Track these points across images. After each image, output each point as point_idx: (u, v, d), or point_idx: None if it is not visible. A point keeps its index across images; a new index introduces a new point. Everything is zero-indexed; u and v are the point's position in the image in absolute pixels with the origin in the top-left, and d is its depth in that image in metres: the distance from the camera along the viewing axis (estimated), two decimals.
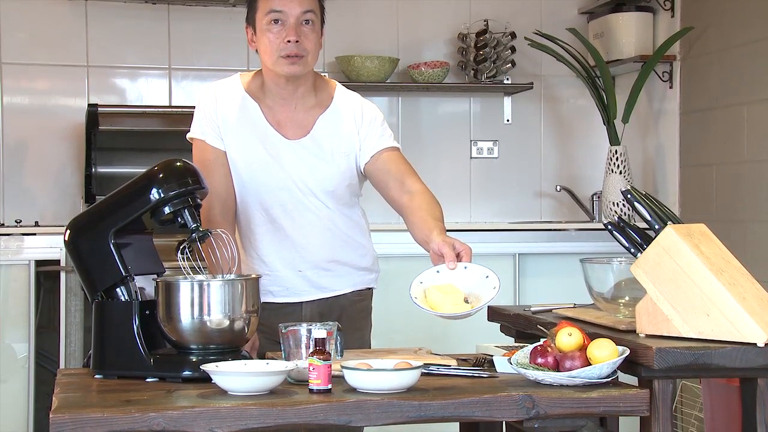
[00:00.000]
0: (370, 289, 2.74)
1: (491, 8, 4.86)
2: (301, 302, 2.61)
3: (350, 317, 2.64)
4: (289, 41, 2.48)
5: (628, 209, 4.53)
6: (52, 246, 3.96)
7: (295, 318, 2.57)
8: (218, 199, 2.53)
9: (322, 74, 2.73)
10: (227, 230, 2.43)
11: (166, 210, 2.23)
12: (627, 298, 2.37)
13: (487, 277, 2.29)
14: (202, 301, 2.13)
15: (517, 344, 2.51)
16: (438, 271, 2.30)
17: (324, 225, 2.58)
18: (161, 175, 2.22)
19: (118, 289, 2.21)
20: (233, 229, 2.57)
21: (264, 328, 2.46)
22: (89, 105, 4.39)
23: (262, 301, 2.28)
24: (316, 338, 2.01)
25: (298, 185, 2.56)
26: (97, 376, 2.19)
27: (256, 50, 2.58)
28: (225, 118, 2.57)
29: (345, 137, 2.59)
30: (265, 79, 2.59)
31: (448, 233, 2.46)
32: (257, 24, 2.54)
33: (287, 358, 2.15)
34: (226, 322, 2.14)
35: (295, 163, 2.56)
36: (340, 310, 2.64)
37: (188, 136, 2.63)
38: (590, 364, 2.04)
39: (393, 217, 2.85)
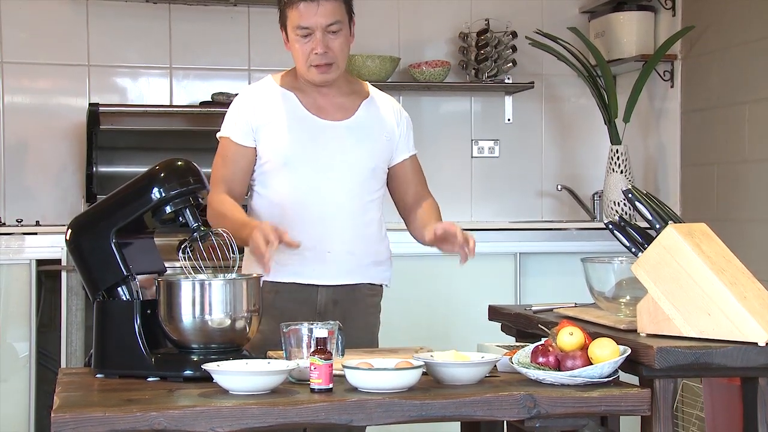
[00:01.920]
0: (382, 286, 2.76)
1: (492, 7, 4.86)
2: (318, 286, 2.62)
3: (362, 311, 2.68)
4: (317, 53, 2.55)
5: (629, 208, 4.53)
6: (53, 245, 3.96)
7: (310, 303, 2.60)
8: (224, 182, 2.60)
9: None
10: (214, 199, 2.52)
11: (168, 209, 2.23)
12: (628, 298, 2.37)
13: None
14: (203, 301, 2.13)
15: (518, 344, 2.51)
16: None
17: (356, 208, 2.64)
18: (162, 175, 2.23)
19: (119, 289, 2.21)
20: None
21: (275, 311, 2.48)
22: (90, 104, 4.39)
23: (280, 281, 2.40)
24: (317, 337, 2.02)
25: (339, 164, 2.62)
26: (98, 376, 2.19)
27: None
28: (263, 114, 2.63)
29: (388, 124, 2.70)
30: (299, 76, 2.66)
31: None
32: (288, 31, 2.61)
33: (288, 358, 2.15)
34: (228, 322, 2.14)
35: (336, 142, 2.62)
36: (352, 302, 2.67)
37: (218, 135, 2.70)
38: (591, 364, 2.04)
39: (394, 217, 2.86)
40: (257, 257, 2.37)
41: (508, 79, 4.78)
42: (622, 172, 4.62)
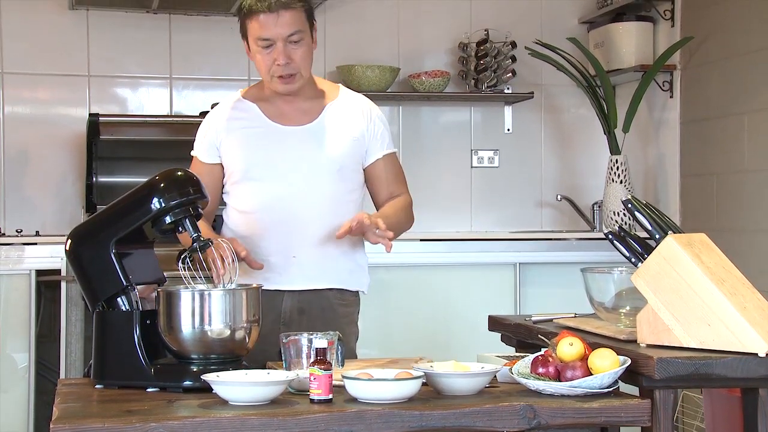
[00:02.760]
0: (357, 296, 2.73)
1: (492, 18, 4.87)
2: (284, 291, 2.61)
3: (332, 321, 2.62)
4: (279, 64, 2.55)
5: (629, 218, 4.53)
6: (53, 255, 3.96)
7: (275, 311, 2.58)
8: None
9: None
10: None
11: (167, 219, 2.23)
12: (628, 308, 2.37)
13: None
14: (203, 311, 2.13)
15: (518, 354, 2.51)
16: None
17: (324, 211, 2.61)
18: (162, 185, 2.23)
19: (119, 299, 2.21)
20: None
21: None
22: (90, 114, 4.40)
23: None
24: (317, 348, 2.01)
25: (302, 169, 2.60)
26: (97, 386, 2.19)
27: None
28: (221, 128, 2.67)
29: (355, 125, 2.67)
30: (264, 86, 2.68)
31: (447, 242, 2.56)
32: (249, 42, 2.61)
33: (288, 368, 2.15)
34: (227, 332, 2.14)
35: (298, 147, 2.62)
36: (319, 310, 2.63)
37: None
38: (591, 374, 2.03)
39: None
40: (214, 275, 2.37)
41: (508, 89, 4.78)
42: (621, 182, 4.62)
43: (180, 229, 2.25)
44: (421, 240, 4.28)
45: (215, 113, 2.72)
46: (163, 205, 2.21)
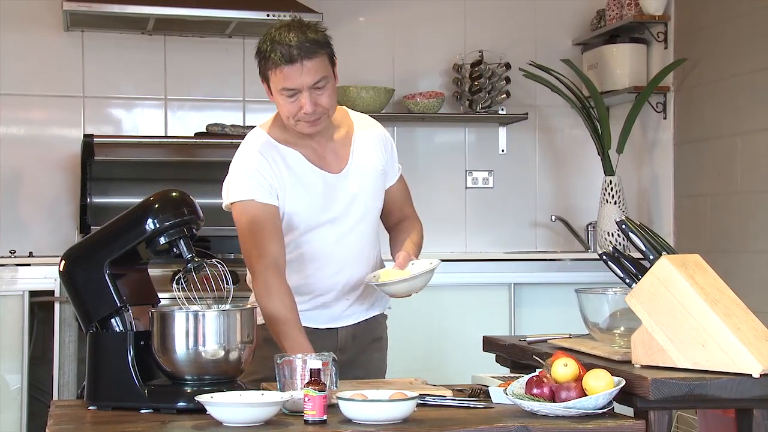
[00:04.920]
0: (384, 313, 2.79)
1: (486, 39, 4.89)
2: (339, 327, 2.63)
3: (378, 339, 2.71)
4: (306, 112, 2.45)
5: (623, 239, 4.54)
6: (47, 276, 3.95)
7: (332, 342, 2.58)
8: (267, 253, 2.45)
9: None
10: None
11: (162, 240, 2.23)
12: (622, 329, 2.37)
13: (430, 263, 2.46)
14: (197, 332, 2.12)
15: (512, 375, 2.51)
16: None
17: (369, 250, 2.63)
18: (156, 206, 2.23)
19: (112, 320, 2.20)
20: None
21: None
22: (85, 135, 4.40)
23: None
24: (311, 369, 2.01)
25: (350, 213, 2.59)
26: (91, 408, 2.18)
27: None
28: (279, 175, 2.52)
29: (378, 155, 2.66)
30: (287, 127, 2.55)
31: (442, 262, 2.53)
32: (272, 89, 2.48)
33: (282, 389, 2.14)
34: (222, 353, 2.13)
35: (345, 192, 2.58)
36: (370, 332, 2.69)
37: (227, 202, 2.54)
38: (586, 395, 2.03)
39: (388, 247, 2.86)
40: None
41: (502, 110, 4.80)
42: (615, 203, 4.63)
43: (174, 249, 2.25)
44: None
45: (261, 156, 2.51)
46: (158, 225, 2.21)
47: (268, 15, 4.29)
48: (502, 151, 4.99)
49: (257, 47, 2.48)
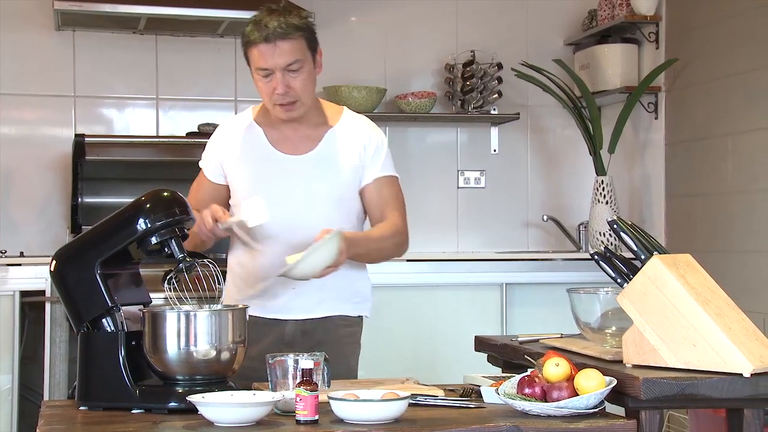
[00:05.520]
0: (360, 316, 2.73)
1: (478, 39, 4.89)
2: (287, 320, 2.61)
3: (335, 341, 2.63)
4: (278, 93, 2.54)
5: (615, 239, 4.54)
6: (38, 276, 3.94)
7: (278, 335, 2.57)
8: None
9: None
10: None
11: (153, 240, 2.22)
12: (614, 328, 2.37)
13: (328, 237, 2.40)
14: (188, 332, 2.12)
15: (504, 374, 2.51)
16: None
17: None
18: (148, 206, 2.22)
19: (104, 320, 2.20)
20: None
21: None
22: (76, 135, 4.39)
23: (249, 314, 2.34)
24: (303, 369, 2.01)
25: (302, 198, 2.60)
26: (82, 408, 2.17)
27: None
28: (229, 149, 2.66)
29: (354, 153, 2.65)
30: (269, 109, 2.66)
31: (433, 263, 2.52)
32: (251, 67, 2.60)
33: (274, 389, 2.14)
34: (213, 353, 2.13)
35: (297, 176, 2.61)
36: (324, 332, 2.64)
37: (199, 163, 2.75)
38: (577, 395, 2.03)
39: None
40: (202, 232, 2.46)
41: (494, 110, 4.80)
42: (607, 202, 4.64)
43: (166, 249, 2.25)
44: (407, 260, 4.28)
45: (223, 130, 2.70)
46: (149, 225, 2.20)
47: None
48: (494, 151, 4.99)
49: (243, 29, 2.59)
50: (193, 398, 2.00)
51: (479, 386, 2.25)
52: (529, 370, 2.15)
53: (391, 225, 2.66)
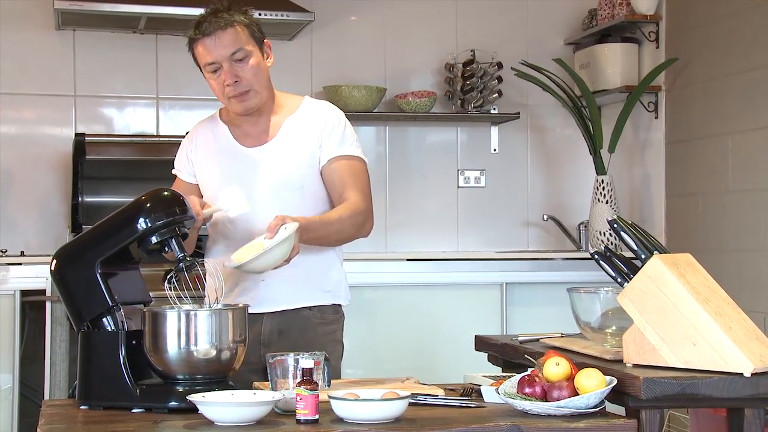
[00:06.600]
0: (339, 313, 2.70)
1: (478, 38, 4.89)
2: (262, 314, 2.60)
3: (314, 340, 2.60)
4: (228, 84, 2.55)
5: (615, 239, 4.55)
6: (38, 276, 3.95)
7: (254, 331, 2.53)
8: None
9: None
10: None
11: (153, 239, 2.22)
12: (614, 328, 2.37)
13: (285, 228, 2.34)
14: (188, 331, 2.12)
15: (504, 374, 2.51)
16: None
17: None
18: (148, 205, 2.22)
19: (104, 319, 2.20)
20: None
21: None
22: (76, 134, 4.39)
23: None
24: (303, 368, 2.01)
25: (266, 189, 2.59)
26: (82, 407, 2.17)
27: None
28: (197, 150, 2.70)
29: (311, 137, 2.63)
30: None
31: (433, 262, 2.50)
32: (201, 69, 2.61)
33: (274, 388, 2.14)
34: (213, 352, 2.13)
35: (258, 167, 2.60)
36: (301, 329, 2.62)
37: (172, 171, 2.78)
38: (578, 394, 2.03)
39: (380, 246, 2.85)
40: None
41: (494, 109, 4.81)
42: (607, 202, 4.64)
43: (166, 249, 2.25)
44: (407, 260, 4.28)
45: (194, 132, 2.74)
46: (149, 225, 2.20)
47: (259, 14, 4.28)
48: (494, 150, 4.99)
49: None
50: (194, 397, 2.00)
51: (479, 386, 2.26)
52: (530, 370, 2.15)
53: (350, 205, 2.57)
